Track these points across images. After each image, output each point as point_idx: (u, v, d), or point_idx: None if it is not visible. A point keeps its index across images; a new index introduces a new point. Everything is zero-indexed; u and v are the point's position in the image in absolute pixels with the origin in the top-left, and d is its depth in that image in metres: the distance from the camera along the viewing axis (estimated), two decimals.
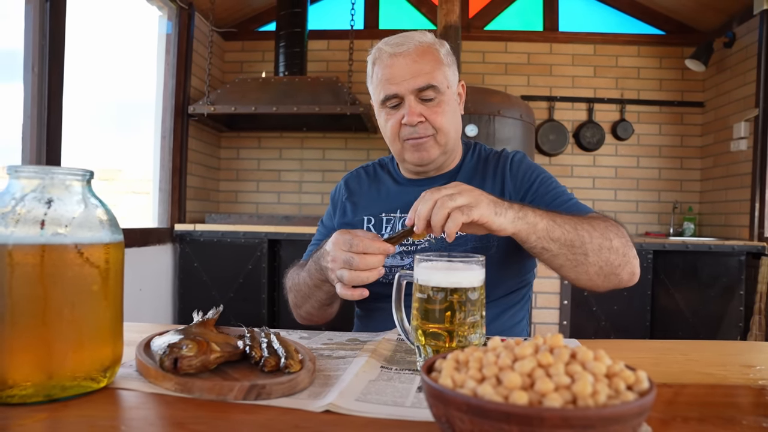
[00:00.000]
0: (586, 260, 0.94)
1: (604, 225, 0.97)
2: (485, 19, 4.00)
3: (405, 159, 1.18)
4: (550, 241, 0.90)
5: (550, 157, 3.93)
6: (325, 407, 0.56)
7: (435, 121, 1.12)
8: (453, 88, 1.18)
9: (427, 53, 1.12)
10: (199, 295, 3.15)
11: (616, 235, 0.97)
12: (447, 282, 0.68)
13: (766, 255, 3.10)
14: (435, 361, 0.48)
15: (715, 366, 0.77)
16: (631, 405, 0.38)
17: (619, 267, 0.97)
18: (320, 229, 1.34)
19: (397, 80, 1.11)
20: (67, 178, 0.61)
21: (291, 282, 1.18)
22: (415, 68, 1.10)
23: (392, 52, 1.12)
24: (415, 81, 1.10)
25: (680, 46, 3.88)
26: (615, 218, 1.05)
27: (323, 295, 1.07)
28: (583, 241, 0.92)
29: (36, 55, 2.14)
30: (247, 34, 4.03)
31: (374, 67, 1.16)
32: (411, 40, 1.13)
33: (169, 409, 0.57)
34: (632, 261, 0.99)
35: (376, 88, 1.16)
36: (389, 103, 1.14)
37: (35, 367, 0.56)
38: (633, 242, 1.02)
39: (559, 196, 1.14)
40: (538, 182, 1.17)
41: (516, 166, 1.20)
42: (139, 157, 3.39)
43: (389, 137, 1.18)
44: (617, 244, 0.96)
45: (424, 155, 1.15)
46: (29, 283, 0.56)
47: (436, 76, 1.12)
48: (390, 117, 1.15)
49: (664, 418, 0.55)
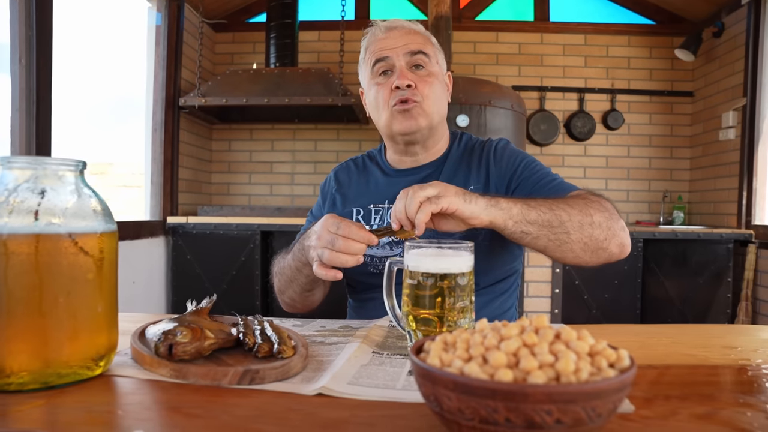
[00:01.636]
0: (568, 238, 0.94)
1: (583, 202, 0.97)
2: (476, 10, 4.00)
3: (393, 129, 1.18)
4: (527, 224, 0.91)
5: (541, 147, 3.95)
6: (318, 390, 0.57)
7: (423, 89, 1.15)
8: (442, 68, 1.24)
9: (418, 32, 1.20)
10: (193, 288, 3.16)
11: (598, 209, 0.97)
12: (436, 268, 0.69)
13: (753, 242, 3.14)
14: (424, 343, 0.50)
15: (699, 348, 0.79)
16: (611, 381, 0.39)
17: (605, 241, 0.97)
18: (309, 219, 1.35)
19: (390, 46, 1.17)
20: (60, 169, 0.61)
21: (277, 267, 1.20)
22: (407, 38, 1.17)
23: (387, 26, 1.19)
24: (407, 46, 1.16)
25: (670, 35, 3.90)
26: (598, 193, 1.05)
27: (304, 279, 1.08)
28: (561, 220, 0.93)
29: (23, 46, 2.12)
30: (237, 26, 4.00)
31: (368, 44, 1.21)
32: (404, 22, 1.21)
33: (164, 394, 0.58)
34: (619, 233, 0.99)
35: (367, 60, 1.20)
36: (380, 68, 1.17)
37: (32, 355, 0.57)
38: (619, 213, 1.02)
39: (543, 177, 1.15)
40: (522, 166, 1.18)
41: (499, 153, 1.22)
42: (130, 151, 3.37)
43: (379, 106, 1.19)
44: (599, 218, 0.96)
45: (412, 123, 1.16)
46: (24, 273, 0.56)
47: (427, 47, 1.19)
48: (380, 86, 1.17)
49: (647, 397, 0.57)
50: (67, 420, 0.51)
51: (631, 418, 0.51)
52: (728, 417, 0.52)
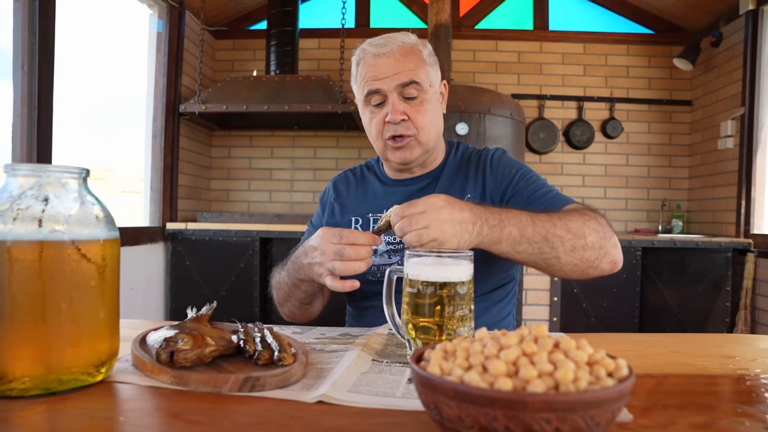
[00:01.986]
0: (558, 262, 0.95)
1: (580, 222, 0.96)
2: (476, 18, 4.03)
3: (388, 158, 1.21)
4: (516, 253, 0.92)
5: (540, 156, 3.96)
6: (318, 398, 0.58)
7: (417, 120, 1.14)
8: (435, 87, 1.20)
9: (410, 53, 1.15)
10: (192, 294, 3.15)
11: (594, 230, 0.97)
12: (436, 276, 0.70)
13: (751, 251, 3.15)
14: (424, 351, 0.50)
15: (697, 357, 0.79)
16: (610, 390, 0.40)
17: (596, 260, 0.97)
18: (309, 229, 1.36)
19: (380, 76, 1.13)
20: (63, 176, 0.62)
21: (274, 280, 1.20)
22: (398, 66, 1.13)
23: (376, 53, 1.14)
24: (399, 77, 1.12)
25: (668, 45, 3.93)
26: (593, 208, 1.05)
27: (302, 294, 1.09)
28: (553, 247, 0.93)
29: (25, 53, 2.13)
30: (238, 33, 4.02)
31: (358, 67, 1.19)
32: (394, 40, 1.15)
33: (165, 401, 0.58)
34: (611, 251, 0.99)
35: (360, 86, 1.19)
36: (373, 100, 1.16)
37: (34, 361, 0.57)
38: (613, 229, 1.02)
39: (538, 189, 1.15)
40: (517, 177, 1.18)
41: (496, 163, 1.22)
42: (129, 156, 3.38)
43: (373, 136, 1.20)
44: (593, 239, 0.96)
45: (407, 155, 1.17)
46: (28, 279, 0.57)
47: (419, 73, 1.14)
48: (374, 115, 1.17)
49: (646, 406, 0.57)
50: (68, 426, 0.52)
51: (630, 428, 0.52)
52: (726, 427, 0.52)
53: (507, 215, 0.91)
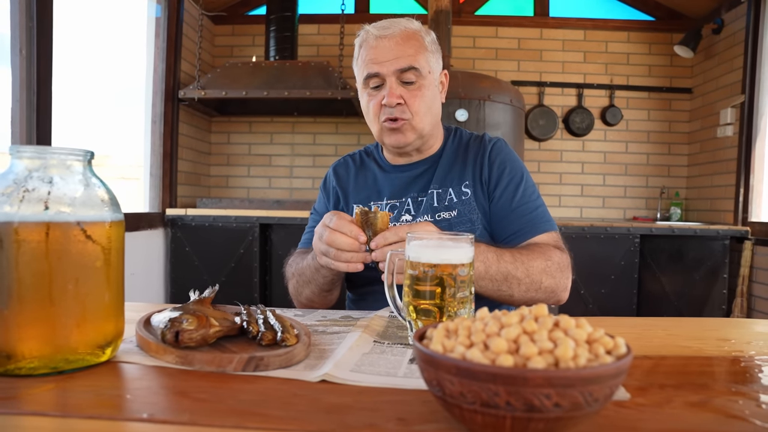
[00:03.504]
0: (511, 299, 1.03)
1: (540, 268, 1.03)
2: (476, 4, 4.00)
3: (383, 141, 1.23)
4: (477, 287, 0.98)
5: (539, 142, 3.96)
6: (321, 377, 0.59)
7: (413, 104, 1.16)
8: (435, 74, 1.21)
9: (411, 38, 1.16)
10: (191, 279, 3.17)
11: (551, 275, 1.04)
12: (437, 258, 0.70)
13: (749, 239, 3.16)
14: (426, 330, 0.51)
15: (693, 340, 0.81)
16: (608, 366, 0.41)
17: (544, 300, 1.05)
18: (314, 217, 1.36)
19: (380, 60, 1.14)
20: (68, 158, 0.62)
21: (294, 267, 1.19)
22: (398, 50, 1.14)
23: (378, 35, 1.15)
24: (398, 62, 1.14)
25: (669, 32, 3.91)
26: (561, 245, 1.12)
27: (322, 279, 1.09)
28: (510, 286, 1.00)
29: (23, 37, 2.12)
30: (237, 18, 4.00)
31: (360, 49, 1.20)
32: (397, 24, 1.17)
33: (171, 380, 0.59)
34: (560, 294, 1.07)
35: (360, 68, 1.20)
36: (371, 83, 1.17)
37: (41, 341, 0.58)
38: (571, 269, 1.10)
39: (523, 204, 1.17)
40: (507, 181, 1.19)
41: (495, 155, 1.23)
42: (129, 142, 3.37)
43: (370, 118, 1.21)
44: (547, 284, 1.04)
45: (400, 138, 1.19)
46: (35, 260, 0.57)
47: (419, 59, 1.15)
48: (371, 98, 1.19)
49: (642, 386, 0.59)
50: (76, 403, 0.53)
51: (627, 405, 0.53)
52: (721, 405, 0.53)
53: (477, 251, 0.94)
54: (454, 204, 1.19)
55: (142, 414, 0.50)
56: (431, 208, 1.20)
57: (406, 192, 1.24)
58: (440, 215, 1.18)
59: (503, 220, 1.18)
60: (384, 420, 0.48)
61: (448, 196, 1.20)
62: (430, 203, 1.20)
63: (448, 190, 1.20)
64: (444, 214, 1.18)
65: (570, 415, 0.40)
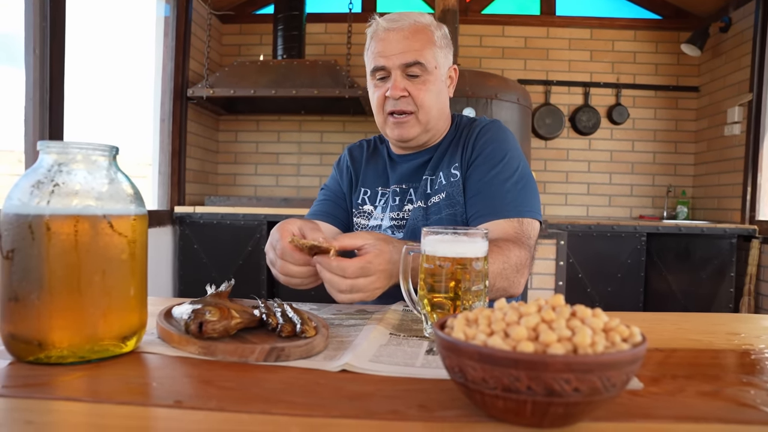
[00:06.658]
0: None
1: (498, 268, 0.95)
2: (483, 3, 4.01)
3: (387, 133, 1.24)
4: None
5: (546, 141, 3.97)
6: (342, 367, 0.60)
7: (417, 97, 1.17)
8: (442, 69, 1.21)
9: (420, 32, 1.16)
10: (200, 277, 3.19)
11: (505, 277, 0.97)
12: (453, 252, 0.72)
13: (756, 238, 3.16)
14: (446, 320, 0.52)
15: (703, 334, 0.82)
16: (625, 353, 0.42)
17: (493, 299, 1.00)
18: (324, 192, 1.38)
19: (387, 53, 1.16)
20: (94, 154, 0.64)
21: None
22: (405, 44, 1.15)
23: (387, 27, 1.17)
24: (404, 56, 1.15)
25: (676, 30, 3.91)
26: (522, 241, 1.05)
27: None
28: None
29: (37, 37, 2.15)
30: (244, 17, 4.02)
31: (371, 40, 1.21)
32: (408, 18, 1.17)
33: (195, 369, 0.61)
34: (512, 292, 1.01)
35: (368, 59, 1.22)
36: (378, 75, 1.19)
37: (71, 330, 0.60)
38: (529, 267, 1.05)
39: (493, 185, 1.13)
40: (482, 159, 1.17)
41: (482, 135, 1.21)
42: (137, 141, 3.40)
43: (375, 108, 1.23)
44: (501, 285, 0.97)
45: (404, 132, 1.20)
46: (65, 252, 0.59)
47: (425, 54, 1.16)
48: (377, 89, 1.20)
49: (655, 376, 0.60)
50: (107, 390, 0.54)
51: (641, 394, 0.54)
52: (733, 394, 0.55)
53: None
54: (443, 186, 1.20)
55: (170, 401, 0.51)
56: (424, 194, 1.22)
57: (410, 181, 1.27)
58: (431, 200, 1.20)
59: (470, 199, 1.16)
60: (406, 407, 0.50)
61: (439, 180, 1.21)
62: (424, 190, 1.22)
63: (439, 174, 1.22)
64: (434, 198, 1.20)
65: (588, 399, 0.42)
